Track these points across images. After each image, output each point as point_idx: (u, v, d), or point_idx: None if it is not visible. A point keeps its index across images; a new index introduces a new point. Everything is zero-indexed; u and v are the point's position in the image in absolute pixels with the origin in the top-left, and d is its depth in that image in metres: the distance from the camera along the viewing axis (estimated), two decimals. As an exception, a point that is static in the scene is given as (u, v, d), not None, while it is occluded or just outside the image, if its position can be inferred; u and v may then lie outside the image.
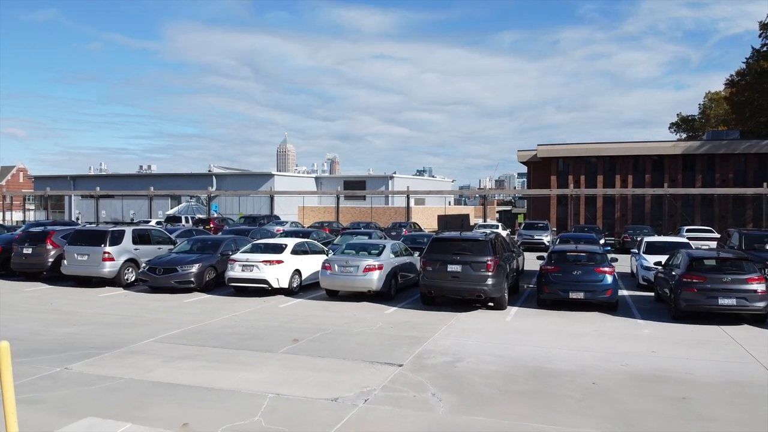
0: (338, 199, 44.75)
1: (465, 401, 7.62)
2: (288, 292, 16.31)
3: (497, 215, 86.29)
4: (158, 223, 41.29)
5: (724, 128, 67.76)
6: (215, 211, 49.14)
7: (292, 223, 39.69)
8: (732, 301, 12.42)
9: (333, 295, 16.17)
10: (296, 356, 9.80)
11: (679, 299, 12.85)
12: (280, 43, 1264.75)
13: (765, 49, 58.42)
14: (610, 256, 15.64)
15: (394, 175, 62.95)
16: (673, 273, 13.66)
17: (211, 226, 37.66)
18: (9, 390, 5.01)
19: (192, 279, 16.50)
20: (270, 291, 16.19)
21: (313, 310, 14.35)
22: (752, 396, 7.99)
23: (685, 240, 20.42)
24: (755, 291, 12.43)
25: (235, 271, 16.08)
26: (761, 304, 12.42)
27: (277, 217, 42.52)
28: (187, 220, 39.95)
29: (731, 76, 66.81)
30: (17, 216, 59.53)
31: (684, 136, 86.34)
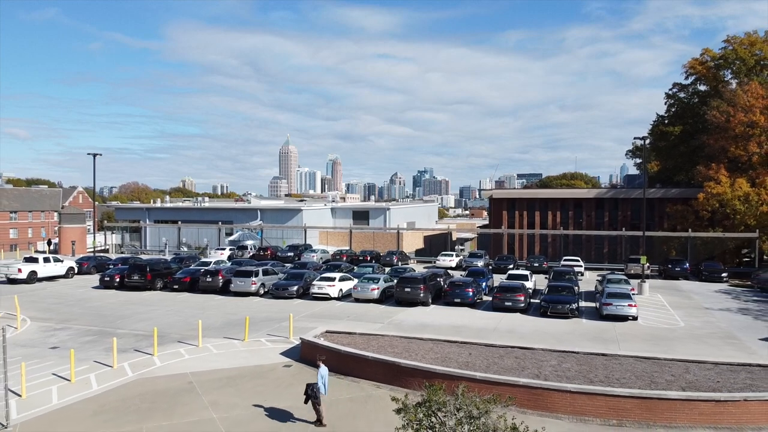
0: (351, 232, 65.23)
1: (401, 331, 28.08)
2: (337, 299, 36.77)
3: (478, 229, 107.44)
4: (230, 250, 61.62)
5: (657, 163, 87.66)
6: (259, 236, 69.64)
7: (321, 250, 60.05)
8: (510, 303, 32.84)
9: (357, 301, 36.53)
10: (351, 321, 30.37)
11: (492, 302, 33.41)
12: (282, 43, 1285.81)
13: (668, 113, 78.18)
14: (483, 282, 36.09)
15: (390, 206, 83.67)
16: (495, 291, 34.12)
17: (269, 253, 58.08)
18: (291, 325, 25.54)
19: (294, 292, 37.01)
20: (329, 299, 36.62)
21: (350, 307, 34.78)
22: (423, 330, 28.42)
23: (526, 273, 40.53)
24: (520, 299, 32.86)
25: (314, 289, 36.60)
26: (522, 305, 32.84)
27: (310, 245, 63.11)
28: (251, 248, 60.24)
29: (652, 123, 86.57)
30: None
31: (638, 161, 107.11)
